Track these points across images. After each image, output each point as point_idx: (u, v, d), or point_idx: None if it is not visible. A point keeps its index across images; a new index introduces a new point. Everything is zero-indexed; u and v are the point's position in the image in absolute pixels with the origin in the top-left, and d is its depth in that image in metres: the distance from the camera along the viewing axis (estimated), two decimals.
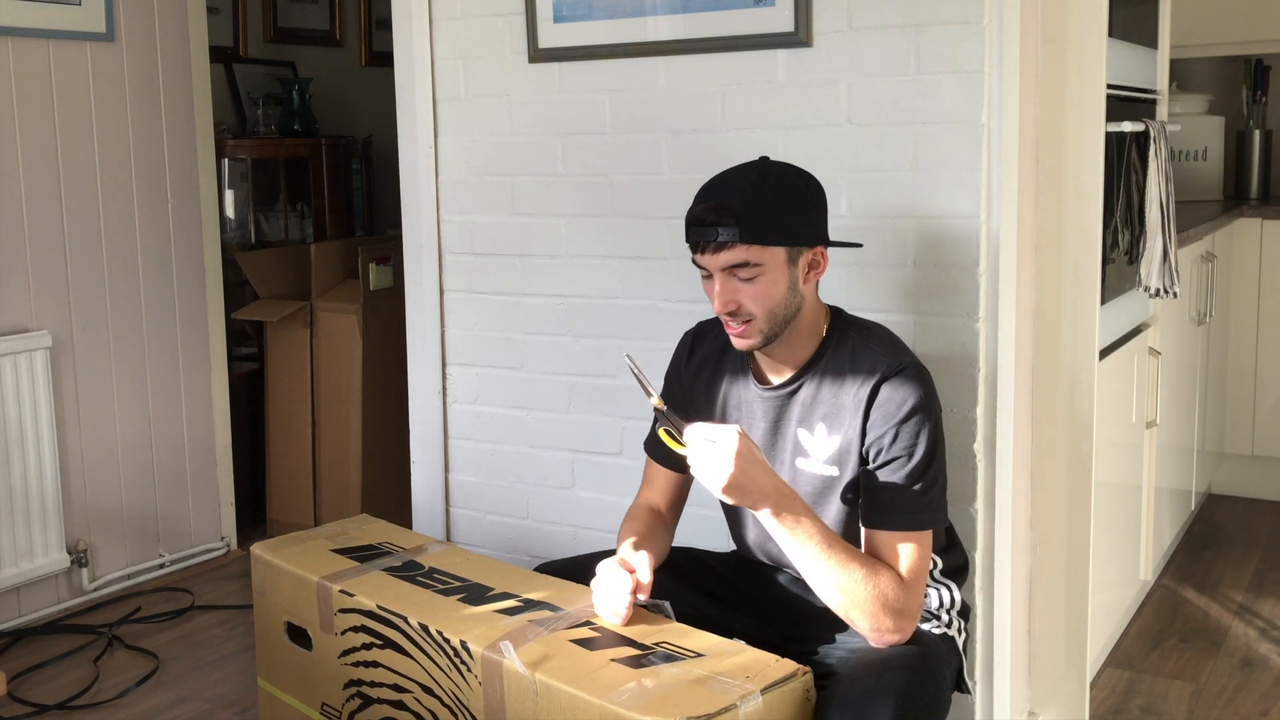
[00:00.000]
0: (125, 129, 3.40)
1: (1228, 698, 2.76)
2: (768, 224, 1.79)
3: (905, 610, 1.77)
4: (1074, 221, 2.33)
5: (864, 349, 1.88)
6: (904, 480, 1.81)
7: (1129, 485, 3.01)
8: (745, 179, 1.83)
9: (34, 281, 3.20)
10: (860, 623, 1.77)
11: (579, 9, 2.48)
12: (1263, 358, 4.12)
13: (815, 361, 1.90)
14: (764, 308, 1.82)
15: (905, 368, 1.84)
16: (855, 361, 1.87)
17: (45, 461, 3.20)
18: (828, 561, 1.75)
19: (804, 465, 1.91)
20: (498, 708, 1.77)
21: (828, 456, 1.88)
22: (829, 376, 1.89)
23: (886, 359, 1.85)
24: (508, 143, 2.64)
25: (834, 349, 1.90)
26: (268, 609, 2.22)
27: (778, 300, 1.83)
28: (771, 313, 1.83)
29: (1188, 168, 4.39)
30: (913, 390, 1.83)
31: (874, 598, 1.75)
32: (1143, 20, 2.91)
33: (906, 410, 1.81)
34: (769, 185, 1.82)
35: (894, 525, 1.80)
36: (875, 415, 1.83)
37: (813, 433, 1.90)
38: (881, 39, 2.19)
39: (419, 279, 2.79)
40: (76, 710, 2.75)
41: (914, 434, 1.81)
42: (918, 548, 1.80)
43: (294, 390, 3.88)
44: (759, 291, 1.81)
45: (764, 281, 1.81)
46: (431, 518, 2.84)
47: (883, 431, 1.82)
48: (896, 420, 1.81)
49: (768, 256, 1.80)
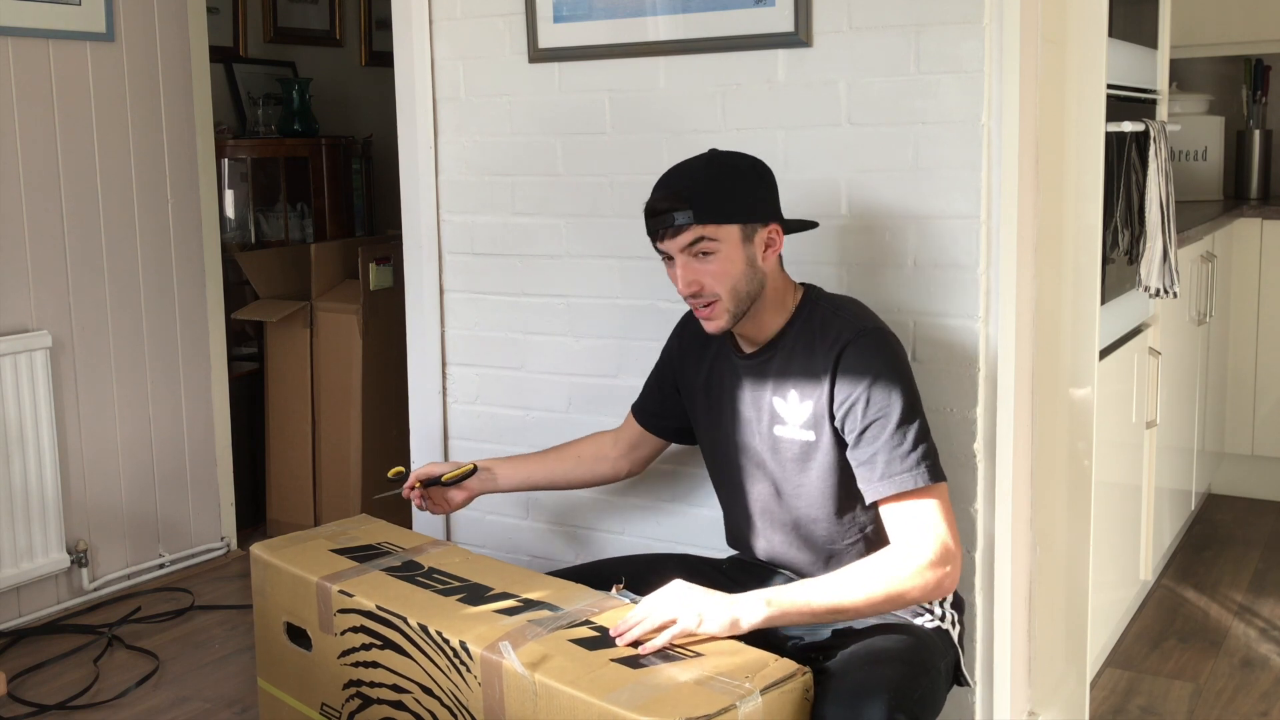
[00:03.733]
0: (125, 129, 3.40)
1: (1228, 698, 2.76)
2: (718, 203, 1.90)
3: (942, 560, 1.80)
4: (1074, 221, 2.34)
5: (832, 318, 1.95)
6: (888, 440, 1.84)
7: (1129, 485, 3.01)
8: (693, 166, 1.96)
9: (34, 281, 3.20)
10: (914, 603, 1.83)
11: (579, 9, 2.48)
12: (1263, 358, 4.12)
13: (786, 331, 1.98)
14: (725, 285, 1.91)
15: (868, 332, 1.91)
16: (824, 329, 1.94)
17: (45, 461, 3.20)
18: (846, 600, 1.79)
19: (781, 432, 1.97)
20: (497, 708, 1.77)
21: (803, 421, 1.94)
22: (800, 345, 1.96)
23: (852, 325, 1.93)
24: (508, 143, 2.64)
25: (804, 320, 1.97)
26: (267, 609, 2.22)
27: (738, 277, 1.91)
28: (734, 290, 1.91)
29: (1188, 168, 4.39)
30: (876, 352, 1.89)
31: (905, 585, 1.79)
32: (1143, 20, 2.90)
33: (873, 372, 1.87)
34: (715, 169, 1.94)
35: (898, 488, 1.83)
36: (841, 380, 1.88)
37: (786, 400, 1.96)
38: (881, 39, 2.19)
39: (419, 279, 2.79)
40: (76, 710, 2.75)
41: (886, 393, 1.86)
42: (935, 504, 1.83)
43: (294, 390, 3.88)
44: (717, 269, 1.90)
45: (720, 259, 1.90)
46: (431, 517, 2.84)
47: (854, 398, 1.87)
48: (866, 384, 1.86)
49: (722, 234, 1.89)
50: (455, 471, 2.26)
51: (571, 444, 2.36)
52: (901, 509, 1.84)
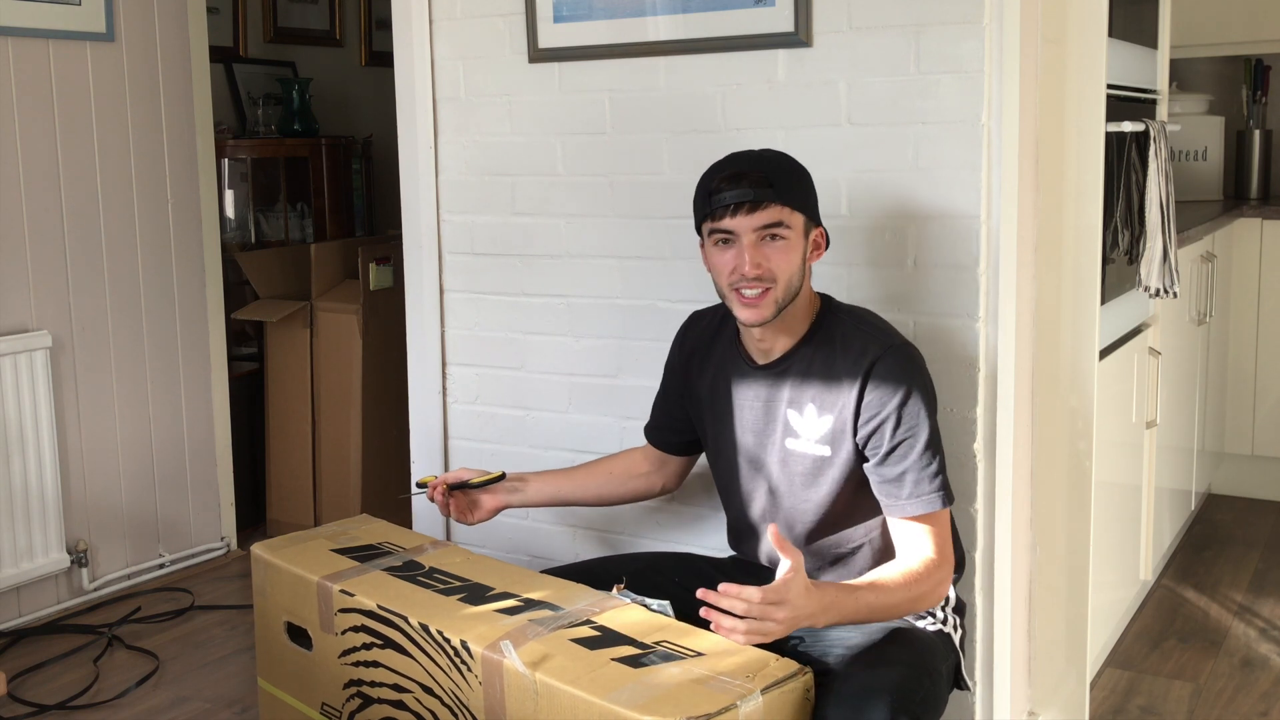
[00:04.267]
0: (125, 129, 3.40)
1: (1228, 698, 2.76)
2: (796, 190, 1.89)
3: (943, 564, 1.87)
4: (1074, 221, 2.33)
5: (855, 332, 1.93)
6: (917, 460, 1.85)
7: (1129, 485, 3.01)
8: (765, 154, 1.94)
9: (34, 281, 3.20)
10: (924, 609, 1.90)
11: (579, 9, 2.48)
12: (1263, 358, 4.12)
13: (805, 343, 1.95)
14: (785, 274, 1.88)
15: (896, 348, 1.90)
16: (846, 343, 1.92)
17: (45, 461, 3.20)
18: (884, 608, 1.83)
19: (794, 445, 1.95)
20: (498, 707, 1.77)
21: (819, 437, 1.92)
22: (819, 358, 1.93)
23: (878, 339, 1.91)
24: (508, 143, 2.64)
25: (824, 331, 1.95)
26: (268, 609, 2.22)
27: (794, 270, 1.89)
28: (789, 282, 1.89)
29: (1188, 168, 4.39)
30: (905, 369, 1.88)
31: (930, 600, 1.87)
32: (1143, 20, 2.90)
33: (904, 392, 1.86)
34: (787, 159, 1.94)
35: (926, 509, 1.85)
36: (870, 398, 1.87)
37: (802, 414, 1.94)
38: (881, 39, 2.19)
39: (419, 279, 2.79)
40: (76, 710, 2.75)
41: (915, 413, 1.86)
42: (948, 520, 1.91)
43: (294, 390, 3.88)
44: (783, 257, 1.87)
45: (787, 246, 1.88)
46: (432, 518, 2.84)
47: (884, 416, 1.86)
48: (896, 403, 1.85)
49: (794, 222, 1.88)
50: (483, 476, 2.23)
51: (603, 460, 2.33)
52: (923, 526, 1.87)
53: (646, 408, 2.32)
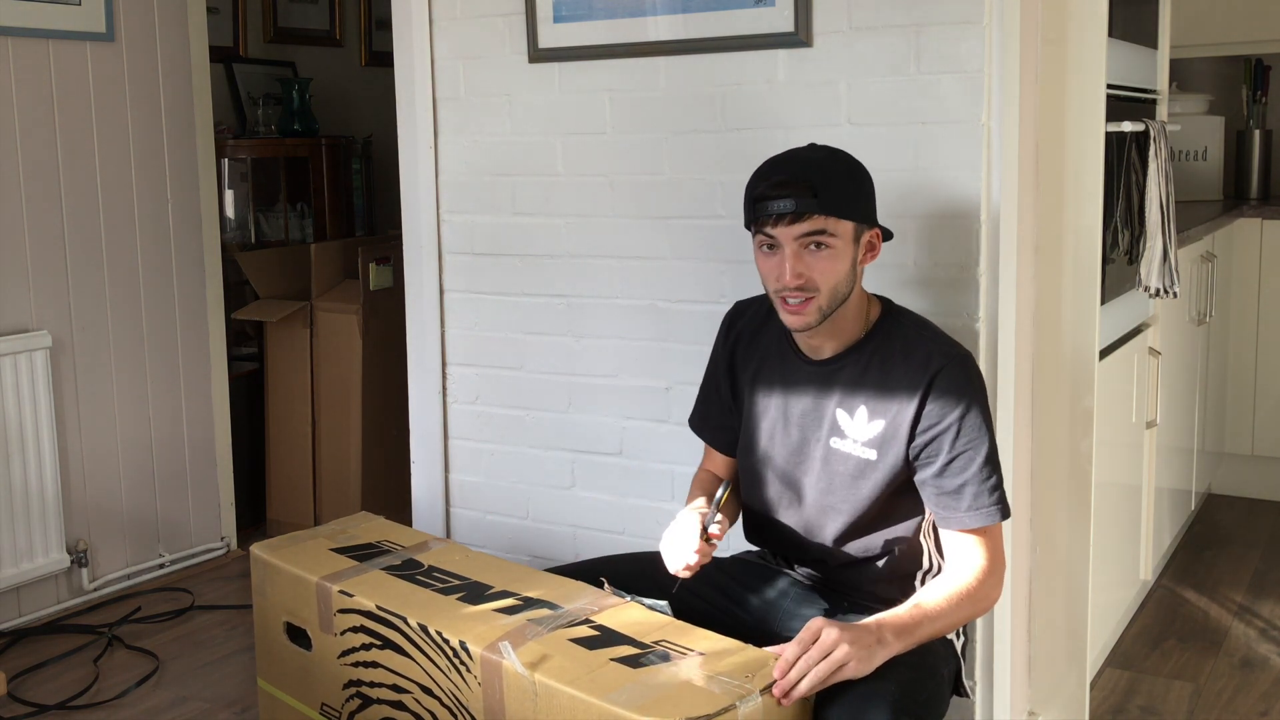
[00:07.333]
0: (125, 129, 3.40)
1: (1228, 698, 2.76)
2: (843, 197, 1.83)
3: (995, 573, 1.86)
4: (1074, 221, 2.33)
5: (918, 340, 1.89)
6: (977, 473, 1.83)
7: (1129, 485, 3.01)
8: (814, 156, 1.87)
9: (34, 281, 3.20)
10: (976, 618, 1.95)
11: (579, 9, 2.48)
12: (1263, 358, 4.12)
13: (864, 344, 1.91)
14: (829, 282, 1.83)
15: (960, 358, 1.86)
16: (908, 351, 1.88)
17: (45, 461, 3.20)
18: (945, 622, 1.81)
19: (839, 445, 1.91)
20: (497, 708, 1.77)
21: (867, 440, 1.89)
22: (877, 360, 1.89)
23: (942, 349, 1.87)
24: (508, 143, 2.64)
25: (885, 334, 1.91)
26: (267, 609, 2.22)
27: (841, 277, 1.84)
28: (834, 289, 1.84)
29: (1188, 168, 4.39)
30: (968, 381, 1.85)
31: (984, 610, 1.88)
32: (1143, 20, 2.90)
33: (965, 404, 1.83)
34: (838, 162, 1.86)
35: (985, 521, 1.83)
36: (931, 408, 1.83)
37: (853, 415, 1.90)
38: (881, 39, 2.19)
39: (419, 279, 2.79)
40: (76, 710, 2.75)
41: (977, 425, 1.83)
42: (999, 536, 1.88)
43: (294, 390, 3.88)
44: (827, 265, 1.83)
45: (832, 255, 1.83)
46: (432, 518, 2.84)
47: (946, 426, 1.83)
48: (957, 415, 1.82)
49: (840, 229, 1.82)
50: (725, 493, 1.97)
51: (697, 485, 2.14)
52: (979, 539, 1.85)
53: (647, 408, 2.32)
